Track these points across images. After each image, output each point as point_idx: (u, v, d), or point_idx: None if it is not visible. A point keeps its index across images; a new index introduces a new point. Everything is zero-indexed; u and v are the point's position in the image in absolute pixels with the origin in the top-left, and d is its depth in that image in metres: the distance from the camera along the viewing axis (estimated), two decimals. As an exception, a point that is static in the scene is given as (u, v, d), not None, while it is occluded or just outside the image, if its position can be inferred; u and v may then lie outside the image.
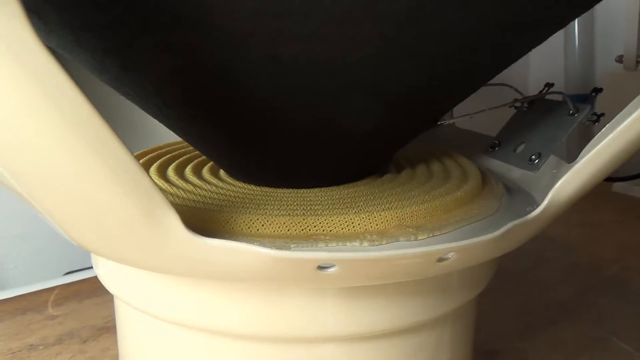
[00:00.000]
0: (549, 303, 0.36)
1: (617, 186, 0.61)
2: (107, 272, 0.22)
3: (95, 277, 0.42)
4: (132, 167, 0.13)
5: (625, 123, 0.17)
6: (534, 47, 0.19)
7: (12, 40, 0.11)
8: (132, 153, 0.13)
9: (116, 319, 0.24)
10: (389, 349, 0.20)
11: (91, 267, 0.44)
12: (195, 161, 0.26)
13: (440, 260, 0.16)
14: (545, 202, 0.17)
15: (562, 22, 0.18)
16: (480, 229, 0.19)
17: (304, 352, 0.19)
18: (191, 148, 0.28)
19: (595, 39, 0.69)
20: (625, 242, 0.48)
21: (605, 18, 0.68)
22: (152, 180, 0.14)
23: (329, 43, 0.14)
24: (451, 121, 0.25)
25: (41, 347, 0.31)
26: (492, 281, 0.24)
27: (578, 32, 0.69)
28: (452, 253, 0.16)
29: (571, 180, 0.18)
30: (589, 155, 0.17)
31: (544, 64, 0.73)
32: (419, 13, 0.14)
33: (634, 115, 0.16)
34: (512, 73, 0.25)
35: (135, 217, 0.14)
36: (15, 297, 0.37)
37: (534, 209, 0.19)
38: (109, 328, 0.33)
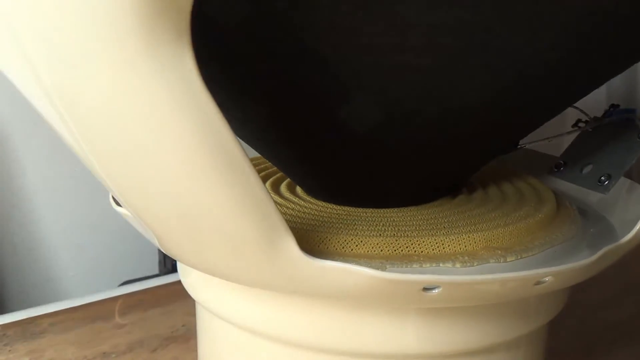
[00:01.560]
0: (607, 325, 0.36)
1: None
2: (196, 283, 0.23)
3: (156, 288, 0.43)
4: (261, 194, 0.14)
5: None
6: (620, 72, 0.20)
7: (175, 76, 0.12)
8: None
9: (199, 328, 0.25)
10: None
11: (147, 278, 0.46)
12: (272, 179, 0.27)
13: (538, 283, 0.17)
14: (637, 227, 0.18)
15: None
16: (565, 252, 0.20)
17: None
18: (265, 164, 0.29)
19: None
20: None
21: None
22: (276, 205, 0.15)
23: (439, 76, 0.15)
24: (530, 144, 0.26)
25: (114, 355, 0.32)
26: None
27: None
28: (549, 277, 0.17)
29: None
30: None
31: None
32: (527, 49, 0.15)
33: None
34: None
35: (257, 239, 0.15)
36: (81, 305, 0.39)
37: (613, 232, 0.20)
38: (175, 338, 0.35)
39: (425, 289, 0.16)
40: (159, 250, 0.49)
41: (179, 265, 0.25)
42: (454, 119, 0.18)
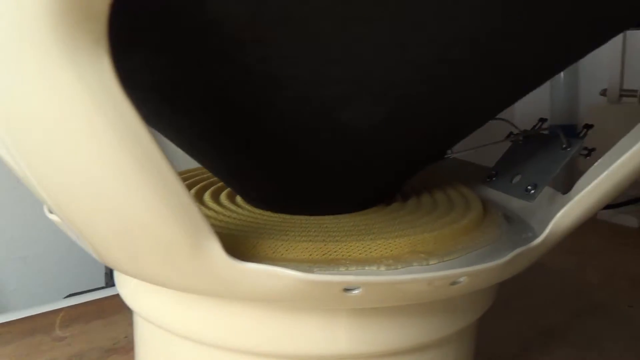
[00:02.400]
0: (541, 329, 0.38)
1: (602, 214, 0.64)
2: (132, 292, 0.23)
3: (99, 300, 0.42)
4: (185, 199, 0.15)
5: (624, 157, 0.19)
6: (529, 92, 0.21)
7: (93, 80, 0.12)
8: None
9: (136, 337, 0.25)
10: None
11: (92, 290, 0.45)
12: (212, 188, 0.27)
13: (454, 283, 0.18)
14: (547, 231, 0.19)
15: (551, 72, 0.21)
16: (485, 255, 0.21)
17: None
18: (206, 175, 0.30)
19: (579, 74, 0.72)
20: (611, 268, 0.50)
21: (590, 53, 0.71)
22: (200, 209, 0.15)
23: (365, 87, 0.16)
24: (457, 154, 0.27)
25: (52, 368, 0.32)
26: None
27: (563, 65, 0.72)
28: (464, 277, 0.17)
29: (571, 212, 0.19)
30: (589, 187, 0.19)
31: (531, 98, 0.75)
32: (442, 63, 0.16)
33: (633, 149, 0.18)
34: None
35: (182, 243, 0.15)
36: (22, 318, 0.38)
37: (534, 237, 0.21)
38: (116, 349, 0.34)
39: (346, 290, 0.17)
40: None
41: (116, 277, 0.25)
42: (377, 131, 0.19)
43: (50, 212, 0.22)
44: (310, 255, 0.20)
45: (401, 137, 0.19)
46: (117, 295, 0.42)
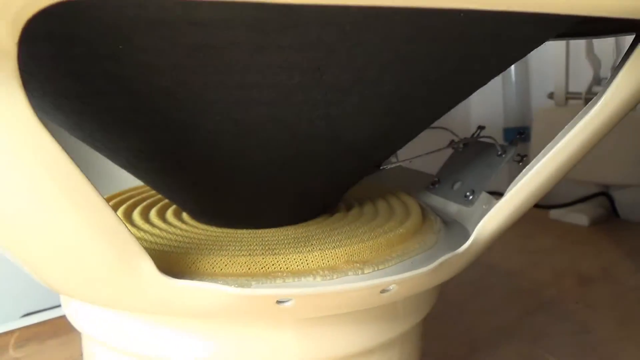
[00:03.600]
0: (491, 327, 0.39)
1: (554, 213, 0.66)
2: (75, 311, 0.23)
3: (55, 319, 0.42)
4: (111, 220, 0.15)
5: (539, 164, 0.20)
6: (458, 103, 0.22)
7: (10, 113, 0.13)
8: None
9: (84, 356, 0.25)
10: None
11: (50, 309, 0.45)
12: (158, 205, 0.28)
13: (384, 291, 0.18)
14: (472, 237, 0.20)
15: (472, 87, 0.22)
16: (419, 262, 0.22)
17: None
18: (153, 192, 0.30)
19: (530, 78, 0.75)
20: (561, 266, 0.51)
21: (538, 59, 0.73)
22: (128, 229, 0.16)
23: (286, 108, 0.17)
24: (394, 165, 0.28)
25: (4, 390, 0.32)
26: (437, 310, 0.26)
27: (514, 72, 0.75)
28: (393, 285, 0.18)
29: (495, 216, 0.20)
30: (509, 194, 0.20)
31: (484, 102, 0.78)
32: (359, 84, 0.17)
33: (547, 156, 0.19)
34: (454, 110, 0.28)
35: (113, 263, 0.16)
36: (-27, 341, 0.37)
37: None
38: (72, 368, 0.34)
39: (279, 302, 0.17)
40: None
41: (61, 297, 0.25)
42: (302, 149, 0.20)
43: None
44: (249, 269, 0.20)
45: (328, 152, 0.20)
46: (73, 314, 0.42)
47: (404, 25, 0.15)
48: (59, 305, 0.47)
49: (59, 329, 0.39)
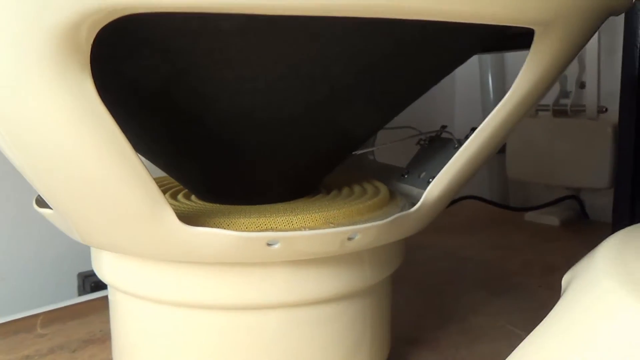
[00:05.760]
0: (462, 305, 0.44)
1: (529, 215, 0.72)
2: (106, 268, 0.28)
3: (75, 305, 0.47)
4: (147, 179, 0.21)
5: (465, 144, 0.26)
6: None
7: (82, 92, 0.18)
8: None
9: (111, 310, 0.30)
10: (313, 316, 0.27)
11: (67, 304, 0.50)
12: (172, 190, 0.33)
13: (350, 239, 0.24)
14: (420, 201, 0.26)
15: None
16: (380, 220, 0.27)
17: (255, 317, 0.26)
18: (167, 182, 0.36)
19: (506, 90, 0.81)
20: (530, 259, 0.57)
21: (513, 75, 0.80)
22: (157, 185, 0.21)
23: (279, 104, 0.23)
24: (364, 151, 0.34)
25: (36, 357, 0.37)
26: (416, 292, 0.30)
27: (492, 85, 0.81)
28: (358, 234, 0.24)
29: (437, 184, 0.26)
30: (443, 169, 0.26)
31: (466, 112, 0.84)
32: (325, 81, 0.23)
33: (471, 138, 0.25)
34: (441, 118, 0.34)
35: (145, 213, 0.21)
36: (4, 322, 0.42)
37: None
38: (93, 340, 0.39)
39: (269, 244, 0.23)
40: (78, 275, 0.54)
41: (93, 260, 0.30)
42: (305, 146, 0.25)
43: (39, 206, 0.27)
44: (247, 227, 0.26)
45: (309, 136, 0.26)
46: (90, 301, 0.47)
47: (380, 36, 0.21)
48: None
49: (79, 313, 0.44)
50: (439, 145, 0.37)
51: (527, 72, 0.23)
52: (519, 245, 0.62)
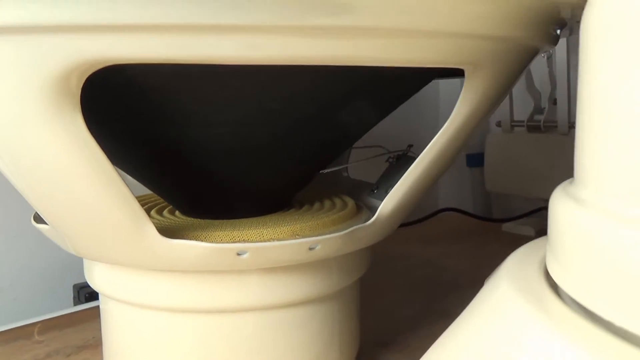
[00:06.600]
0: (433, 310, 0.48)
1: (506, 226, 0.75)
2: (97, 277, 0.31)
3: (71, 314, 0.50)
4: (130, 200, 0.24)
5: (415, 161, 0.29)
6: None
7: (73, 127, 0.22)
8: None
9: (101, 312, 0.33)
10: (286, 318, 0.30)
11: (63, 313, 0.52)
12: (158, 206, 0.37)
13: (311, 249, 0.27)
14: (376, 215, 0.29)
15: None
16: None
17: (232, 320, 0.29)
18: (154, 199, 0.39)
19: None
20: (499, 265, 0.60)
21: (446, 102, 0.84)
22: (139, 204, 0.24)
23: (246, 135, 0.26)
24: (331, 169, 0.37)
25: (34, 361, 0.40)
26: (390, 290, 0.33)
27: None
28: (318, 244, 0.27)
29: (391, 198, 0.29)
30: (397, 185, 0.29)
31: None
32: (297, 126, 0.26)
33: (420, 156, 0.28)
34: (424, 138, 0.35)
35: (128, 228, 0.25)
36: (3, 330, 0.45)
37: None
38: (87, 346, 0.42)
39: (239, 254, 0.26)
40: (73, 287, 0.57)
41: (86, 271, 0.33)
42: (276, 168, 0.29)
43: (37, 222, 0.31)
44: (221, 240, 0.29)
45: (277, 159, 0.29)
46: (84, 310, 0.50)
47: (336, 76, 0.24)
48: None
49: (73, 321, 0.47)
50: (403, 163, 0.41)
51: (462, 104, 0.26)
52: (493, 254, 0.65)
